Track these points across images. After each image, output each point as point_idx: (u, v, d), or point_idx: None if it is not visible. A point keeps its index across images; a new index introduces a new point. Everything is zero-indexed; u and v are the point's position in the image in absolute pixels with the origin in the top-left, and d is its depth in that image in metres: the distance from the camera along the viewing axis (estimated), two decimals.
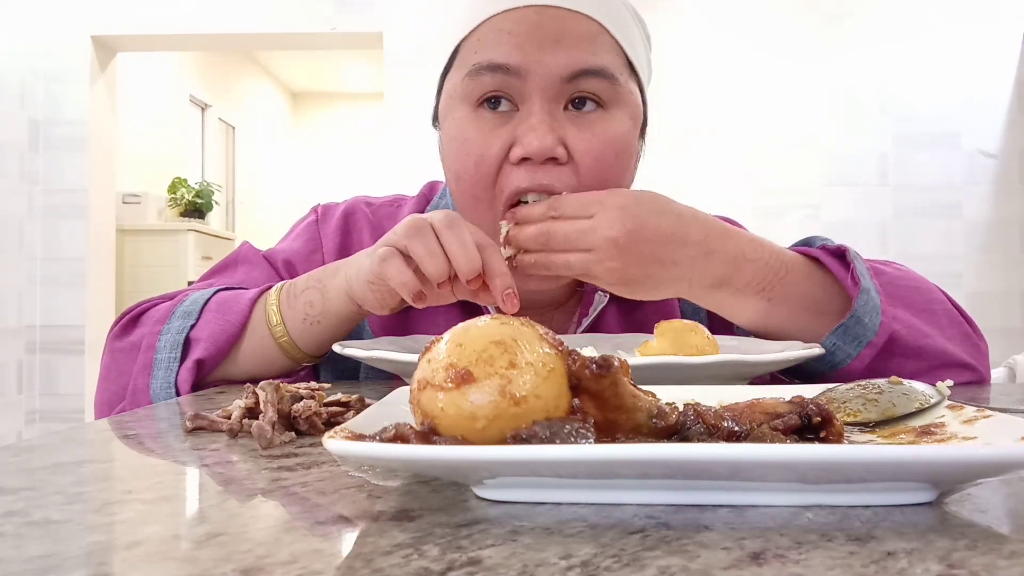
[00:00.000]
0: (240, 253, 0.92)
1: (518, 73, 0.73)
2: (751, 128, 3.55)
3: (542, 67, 0.72)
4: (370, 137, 7.94)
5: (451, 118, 0.77)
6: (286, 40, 3.85)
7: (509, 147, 0.74)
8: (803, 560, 0.25)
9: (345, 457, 0.31)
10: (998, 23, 3.52)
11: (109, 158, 3.93)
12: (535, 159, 0.72)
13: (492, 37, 0.74)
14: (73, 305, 3.72)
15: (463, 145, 0.75)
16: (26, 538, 0.28)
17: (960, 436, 0.36)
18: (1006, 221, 3.53)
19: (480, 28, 0.75)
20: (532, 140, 0.72)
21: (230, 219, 6.96)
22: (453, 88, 0.77)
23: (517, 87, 0.73)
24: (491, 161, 0.74)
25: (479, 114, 0.75)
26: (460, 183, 0.77)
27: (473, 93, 0.75)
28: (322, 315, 0.74)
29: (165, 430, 0.52)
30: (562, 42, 0.73)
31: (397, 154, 3.61)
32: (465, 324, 0.35)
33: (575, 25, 0.74)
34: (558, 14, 0.73)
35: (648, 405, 0.35)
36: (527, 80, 0.73)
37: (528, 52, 0.73)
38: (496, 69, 0.73)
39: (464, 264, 0.64)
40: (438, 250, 0.65)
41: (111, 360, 0.79)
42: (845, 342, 0.70)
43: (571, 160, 0.74)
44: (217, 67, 6.73)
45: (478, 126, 0.75)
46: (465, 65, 0.76)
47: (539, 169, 0.73)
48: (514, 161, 0.73)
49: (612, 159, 0.75)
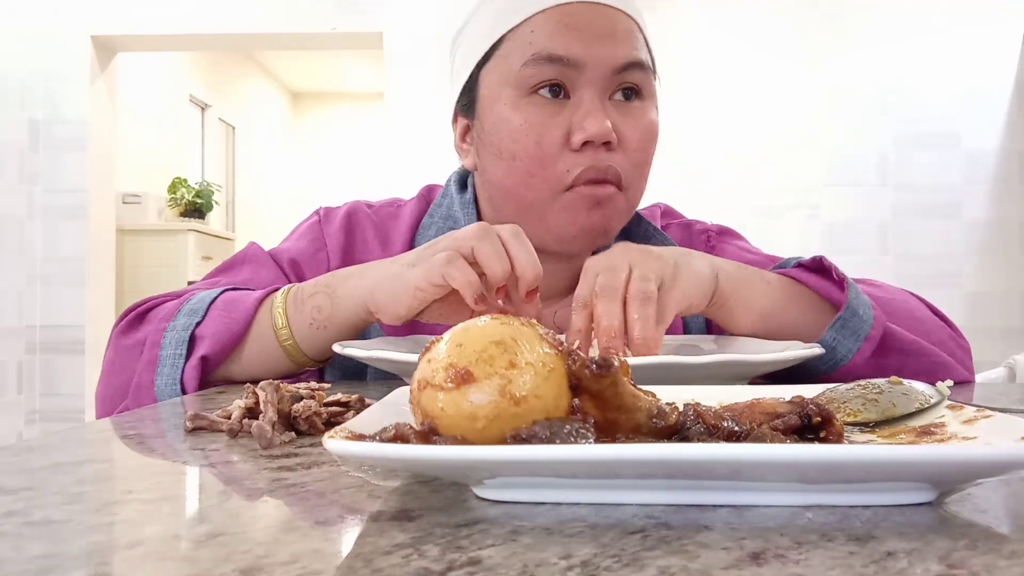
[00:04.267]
0: (247, 252, 0.92)
1: (576, 65, 0.79)
2: (751, 128, 3.55)
3: (598, 59, 0.79)
4: (370, 137, 7.94)
5: (502, 103, 0.82)
6: (286, 40, 3.85)
7: (566, 134, 0.79)
8: (803, 560, 0.25)
9: (345, 457, 0.31)
10: (998, 23, 3.52)
11: (109, 158, 3.93)
12: (595, 141, 0.79)
13: (551, 29, 0.79)
14: (73, 305, 3.72)
15: (522, 127, 0.80)
16: (26, 538, 0.28)
17: (960, 436, 0.36)
18: (1006, 221, 3.52)
19: (532, 20, 0.80)
20: (592, 124, 0.78)
21: (230, 219, 6.96)
22: (504, 75, 0.82)
23: (572, 77, 0.80)
24: (551, 145, 0.80)
25: (533, 99, 0.80)
26: (515, 162, 0.81)
27: (529, 81, 0.80)
28: (329, 320, 0.74)
29: (165, 430, 0.52)
30: (614, 36, 0.80)
31: (397, 154, 3.61)
32: (465, 324, 0.35)
33: (621, 22, 0.81)
34: (607, 11, 0.81)
35: (648, 405, 0.35)
36: (583, 71, 0.79)
37: (587, 45, 0.79)
38: (556, 60, 0.79)
39: (530, 271, 0.68)
40: (504, 254, 0.68)
41: (115, 355, 0.78)
42: (844, 336, 0.70)
43: (620, 145, 0.81)
44: (217, 67, 6.73)
45: (535, 111, 0.80)
46: (517, 55, 0.80)
47: (599, 151, 0.79)
48: (575, 147, 0.79)
49: (649, 144, 0.83)
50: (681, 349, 0.77)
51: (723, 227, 1.00)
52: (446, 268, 0.67)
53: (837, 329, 0.70)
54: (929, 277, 3.41)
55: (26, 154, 3.66)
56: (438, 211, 0.92)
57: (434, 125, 3.49)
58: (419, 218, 0.94)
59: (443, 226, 0.90)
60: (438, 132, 3.57)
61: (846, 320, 0.70)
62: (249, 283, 0.85)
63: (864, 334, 0.70)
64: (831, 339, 0.70)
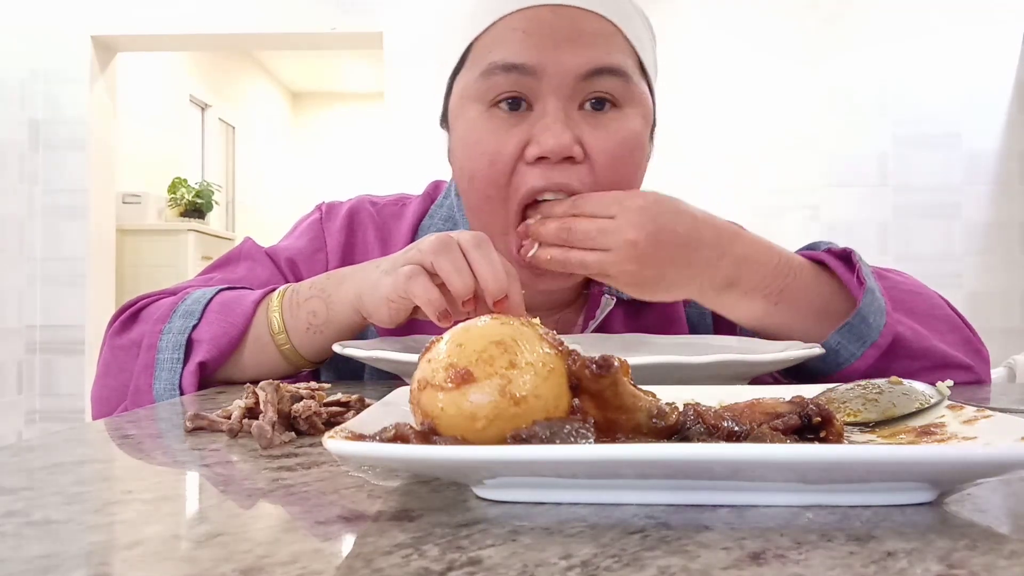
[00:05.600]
0: (243, 249, 0.91)
1: (533, 72, 0.72)
2: (751, 128, 3.55)
3: (558, 66, 0.72)
4: (370, 137, 7.94)
5: (463, 118, 0.77)
6: (286, 40, 3.86)
7: (524, 146, 0.73)
8: (803, 560, 0.25)
9: (345, 457, 0.31)
10: (998, 23, 3.52)
11: (109, 158, 3.93)
12: (552, 158, 0.72)
13: (507, 36, 0.73)
14: (73, 305, 3.72)
15: (476, 145, 0.75)
16: (26, 538, 0.28)
17: (960, 436, 0.36)
18: (1006, 221, 3.53)
19: (494, 28, 0.75)
20: (548, 138, 0.71)
21: (230, 219, 6.96)
22: (465, 88, 0.76)
23: (532, 87, 0.73)
24: (505, 160, 0.73)
25: (493, 113, 0.75)
26: (473, 183, 0.76)
27: (487, 93, 0.74)
28: (325, 324, 0.74)
29: (165, 430, 0.52)
30: (577, 41, 0.73)
31: (397, 154, 3.61)
32: (465, 324, 0.35)
33: (589, 24, 0.73)
34: (573, 13, 0.73)
35: (648, 405, 0.35)
36: (542, 79, 0.73)
37: (544, 51, 0.72)
38: (511, 69, 0.73)
39: (492, 283, 0.64)
40: (465, 267, 0.64)
41: (110, 356, 0.78)
42: (849, 341, 0.70)
43: (587, 159, 0.73)
44: (217, 67, 6.73)
45: (492, 126, 0.74)
46: (478, 65, 0.75)
47: (555, 168, 0.72)
48: (529, 160, 0.73)
49: (627, 158, 0.75)
50: (681, 349, 0.77)
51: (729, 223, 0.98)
52: (408, 284, 0.65)
53: (843, 334, 0.70)
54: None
55: (26, 154, 3.66)
56: (438, 212, 0.90)
57: (434, 125, 3.45)
58: (422, 217, 0.91)
59: (442, 228, 0.88)
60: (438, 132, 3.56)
61: (853, 325, 0.69)
62: (245, 281, 0.85)
63: (870, 340, 0.69)
64: (835, 343, 0.70)
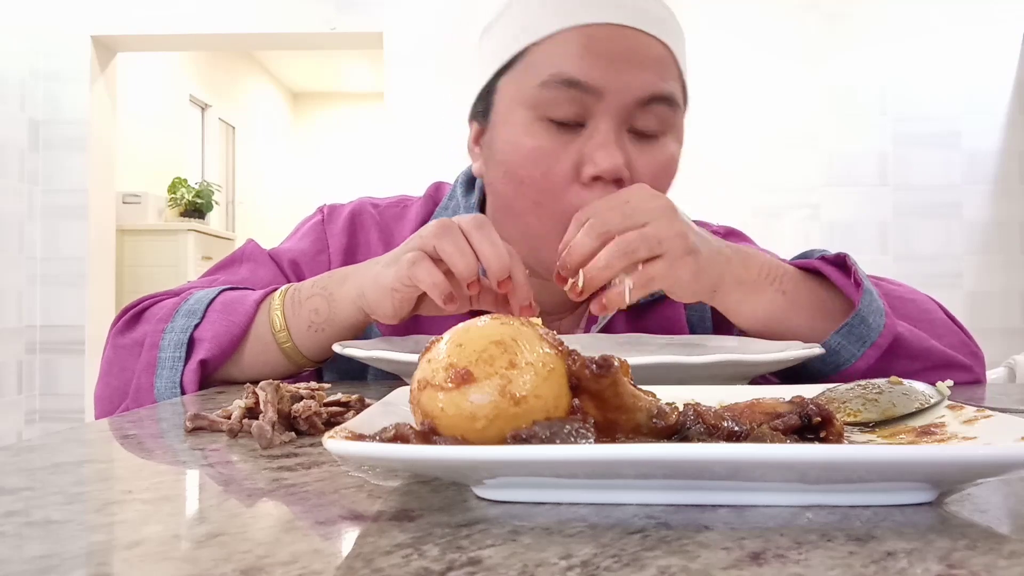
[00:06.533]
0: (245, 251, 0.91)
1: (595, 91, 0.73)
2: (751, 128, 3.55)
3: (619, 89, 0.73)
4: (370, 137, 7.94)
5: (514, 122, 0.76)
6: (286, 40, 3.85)
7: (577, 163, 0.74)
8: (803, 560, 0.25)
9: (345, 457, 0.31)
10: (998, 23, 3.52)
11: (109, 158, 3.93)
12: (606, 177, 0.73)
13: (570, 50, 0.73)
14: (73, 305, 3.72)
15: (532, 152, 0.75)
16: (26, 538, 0.28)
17: (960, 436, 0.36)
18: (1006, 221, 3.53)
19: (554, 38, 0.74)
20: (604, 159, 0.72)
21: (230, 219, 6.96)
22: (520, 92, 0.76)
23: (589, 104, 0.73)
24: (560, 175, 0.74)
25: (547, 125, 0.75)
26: (522, 187, 0.76)
27: (544, 103, 0.74)
28: (327, 323, 0.74)
29: (165, 430, 0.52)
30: (639, 65, 0.73)
31: (397, 154, 3.61)
32: (465, 324, 0.35)
33: (649, 48, 0.74)
34: (635, 36, 0.74)
35: (648, 405, 0.35)
36: (601, 99, 0.73)
37: (607, 72, 0.72)
38: (573, 84, 0.73)
39: (495, 263, 0.64)
40: (467, 249, 0.65)
41: (113, 355, 0.78)
42: (849, 342, 0.70)
43: (632, 181, 0.74)
44: (217, 67, 6.73)
45: (547, 137, 0.75)
46: (536, 72, 0.75)
47: (608, 188, 0.73)
48: (584, 180, 0.74)
49: (664, 181, 0.77)
50: (681, 349, 0.77)
51: (729, 228, 0.97)
52: (412, 270, 0.65)
53: (843, 335, 0.70)
54: (929, 277, 3.41)
55: (26, 154, 3.66)
56: (443, 214, 0.90)
57: (434, 125, 3.50)
58: (424, 219, 0.91)
59: None
60: (438, 132, 3.57)
61: (853, 326, 0.69)
62: (247, 282, 0.85)
63: (870, 341, 0.69)
64: (835, 343, 0.70)
